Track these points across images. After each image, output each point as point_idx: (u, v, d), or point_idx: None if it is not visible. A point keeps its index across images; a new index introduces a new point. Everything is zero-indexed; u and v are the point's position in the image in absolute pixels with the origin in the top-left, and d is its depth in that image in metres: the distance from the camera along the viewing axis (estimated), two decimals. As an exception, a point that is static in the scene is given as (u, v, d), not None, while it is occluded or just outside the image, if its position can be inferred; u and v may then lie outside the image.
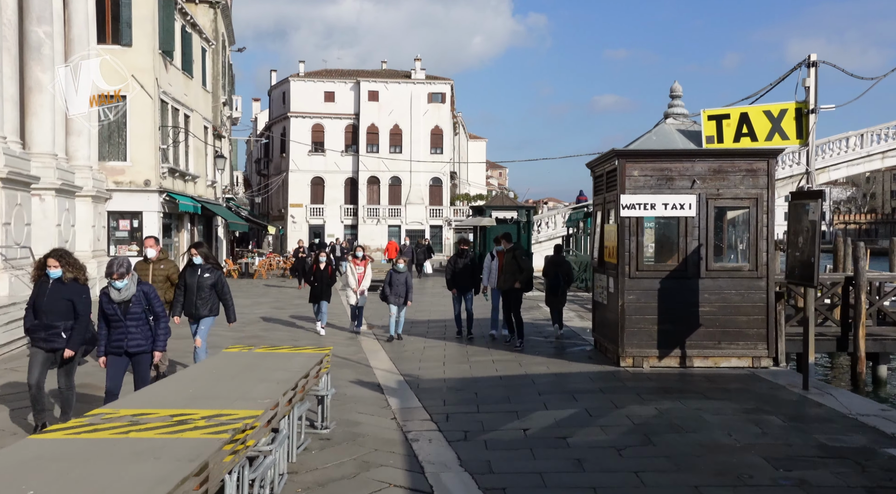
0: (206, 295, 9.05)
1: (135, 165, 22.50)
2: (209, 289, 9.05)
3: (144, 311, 6.59)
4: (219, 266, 9.37)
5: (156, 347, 6.75)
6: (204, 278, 9.01)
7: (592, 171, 11.81)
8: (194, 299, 9.03)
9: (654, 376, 9.43)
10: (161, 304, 6.74)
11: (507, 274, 11.96)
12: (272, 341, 12.89)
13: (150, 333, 6.65)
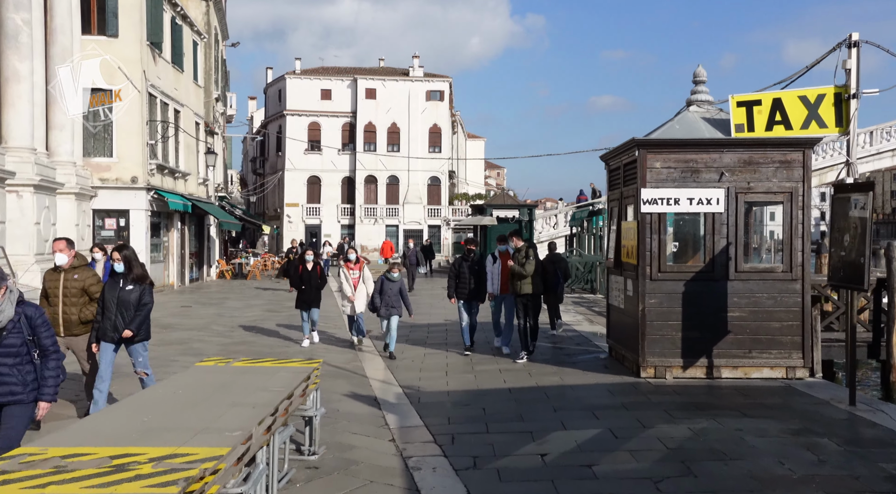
0: (130, 314, 6.99)
1: (121, 162, 21.56)
2: (134, 307, 7.00)
3: (26, 343, 4.62)
4: (145, 276, 7.20)
5: (40, 396, 4.68)
6: (127, 291, 6.92)
7: (607, 164, 10.91)
8: (114, 318, 6.95)
9: (679, 388, 8.54)
10: (51, 334, 4.74)
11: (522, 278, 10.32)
12: (260, 347, 11.98)
13: (34, 375, 4.66)
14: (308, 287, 12.02)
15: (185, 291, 23.97)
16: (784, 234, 8.98)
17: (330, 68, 62.00)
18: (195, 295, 22.42)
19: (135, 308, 7.05)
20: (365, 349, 11.84)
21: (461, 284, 11.16)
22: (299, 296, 12.15)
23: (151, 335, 7.79)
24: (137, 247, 21.67)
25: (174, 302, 20.01)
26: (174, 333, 13.61)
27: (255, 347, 12.06)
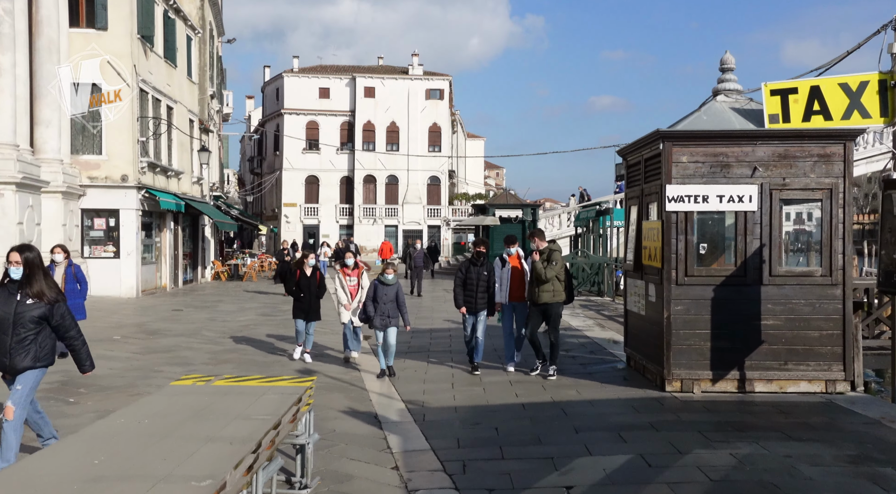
0: (26, 333, 5.36)
1: (111, 159, 20.76)
2: (34, 325, 5.39)
3: None
4: (42, 293, 5.43)
5: None
6: (26, 307, 5.36)
7: (625, 159, 10.14)
8: (8, 341, 5.33)
9: (710, 404, 7.77)
10: None
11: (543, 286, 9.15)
12: (252, 355, 11.19)
13: None
14: (307, 295, 10.71)
15: (178, 293, 23.18)
16: (823, 235, 8.22)
17: (328, 66, 61.22)
18: (188, 297, 21.64)
19: (37, 326, 5.42)
20: (359, 365, 10.39)
21: (469, 293, 9.62)
22: (296, 305, 10.88)
23: (133, 343, 6.96)
24: (128, 248, 20.95)
25: (165, 305, 19.23)
26: (162, 340, 12.82)
27: (246, 355, 11.28)
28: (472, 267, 9.68)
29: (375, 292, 9.46)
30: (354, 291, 10.61)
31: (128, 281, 20.87)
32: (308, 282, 10.79)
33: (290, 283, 10.93)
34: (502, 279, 9.76)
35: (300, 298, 10.74)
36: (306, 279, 10.82)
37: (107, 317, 15.99)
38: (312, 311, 10.71)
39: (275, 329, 14.44)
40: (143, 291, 21.63)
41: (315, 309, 10.76)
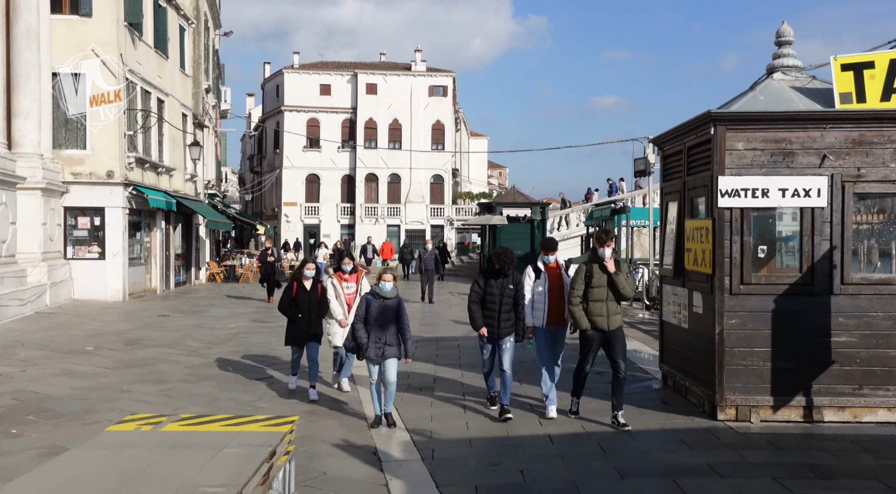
0: None
1: (96, 154, 19.51)
2: None
3: None
4: None
5: None
6: None
7: (661, 148, 8.87)
8: None
9: (774, 438, 6.50)
10: None
11: (612, 306, 7.03)
12: (235, 373, 9.92)
13: None
14: (306, 315, 8.37)
15: (168, 296, 21.95)
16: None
17: (329, 63, 59.96)
18: (178, 301, 20.40)
19: None
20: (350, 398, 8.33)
21: (489, 313, 7.31)
22: (291, 328, 8.49)
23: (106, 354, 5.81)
24: (114, 249, 19.70)
25: (152, 309, 17.99)
26: (140, 351, 11.58)
27: (229, 370, 10.02)
28: (491, 280, 7.34)
29: (368, 310, 7.06)
30: (352, 301, 8.62)
31: (114, 283, 19.62)
32: (307, 299, 8.41)
33: (286, 299, 8.48)
34: (537, 295, 7.41)
35: (298, 319, 8.40)
36: (305, 294, 8.43)
37: (85, 324, 14.75)
38: (313, 333, 8.44)
39: (266, 337, 13.19)
40: (131, 294, 20.39)
41: (316, 331, 8.47)
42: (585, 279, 6.99)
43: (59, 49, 19.07)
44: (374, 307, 7.04)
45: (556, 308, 7.39)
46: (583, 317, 7.04)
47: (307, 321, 8.38)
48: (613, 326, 7.05)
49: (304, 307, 8.40)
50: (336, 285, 8.73)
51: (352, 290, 8.71)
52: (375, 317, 7.01)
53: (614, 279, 6.95)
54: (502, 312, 7.30)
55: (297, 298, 8.43)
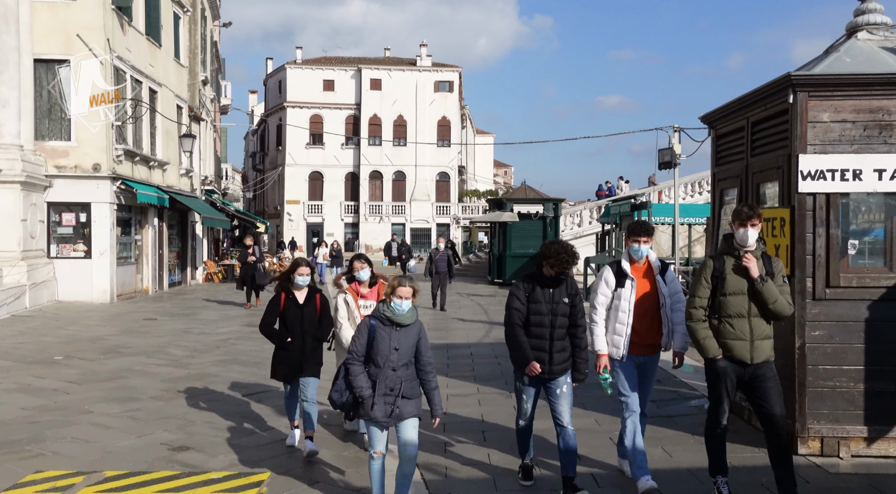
0: None
1: (82, 146, 18.28)
2: None
3: None
4: None
5: None
6: None
7: (713, 127, 7.56)
8: None
9: (872, 479, 5.22)
10: None
11: (762, 327, 4.74)
12: (219, 387, 8.65)
13: None
14: (298, 338, 6.09)
15: (161, 297, 20.72)
16: None
17: (333, 58, 58.75)
18: (170, 302, 19.16)
19: None
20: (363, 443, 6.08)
21: (537, 340, 5.02)
22: (279, 358, 6.21)
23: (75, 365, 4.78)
24: (101, 247, 18.48)
25: (140, 311, 16.74)
26: (114, 360, 10.32)
27: (212, 383, 8.74)
28: (538, 291, 5.01)
29: (372, 343, 4.60)
30: None
31: (100, 284, 18.39)
32: (300, 315, 6.11)
33: (270, 317, 6.17)
34: (618, 308, 5.13)
35: (288, 343, 6.11)
36: (297, 309, 6.12)
37: (61, 329, 13.51)
38: (308, 363, 6.10)
39: (258, 344, 11.90)
40: (120, 296, 19.15)
41: (313, 361, 6.14)
42: (712, 281, 4.76)
43: (42, 33, 17.86)
44: (382, 339, 4.55)
45: (646, 328, 5.12)
46: (709, 340, 4.70)
47: (300, 347, 6.08)
48: (760, 357, 4.68)
49: (295, 327, 6.09)
50: (350, 302, 6.22)
51: (371, 311, 5.91)
52: (384, 355, 4.53)
53: (759, 288, 4.60)
54: (555, 339, 4.97)
55: (287, 314, 6.10)
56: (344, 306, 6.24)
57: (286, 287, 6.22)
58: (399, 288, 4.59)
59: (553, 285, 5.03)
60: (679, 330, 5.15)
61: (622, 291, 5.15)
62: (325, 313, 6.30)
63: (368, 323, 4.68)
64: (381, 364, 4.56)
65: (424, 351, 4.66)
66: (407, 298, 4.59)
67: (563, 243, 5.08)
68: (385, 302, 4.68)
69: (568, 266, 4.93)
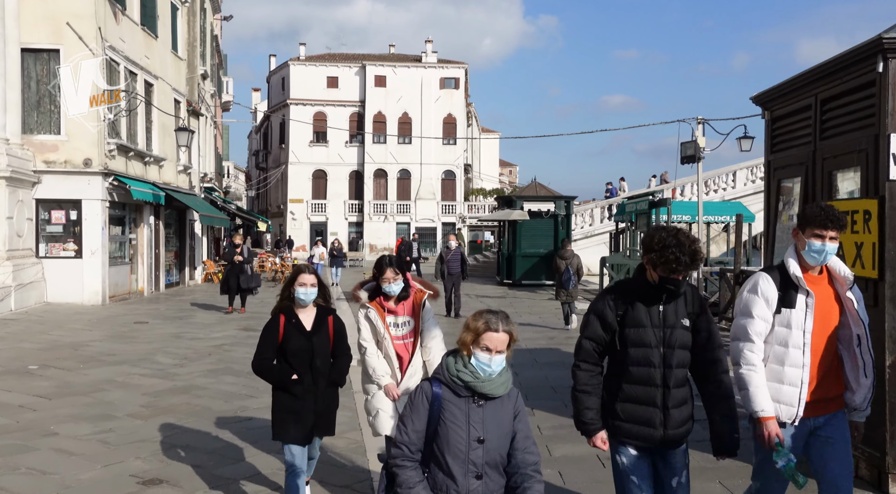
0: None
1: (72, 140, 17.39)
2: None
3: None
4: None
5: None
6: None
7: (768, 109, 6.60)
8: None
9: None
10: None
11: None
12: (207, 403, 7.72)
13: None
14: (307, 380, 4.34)
15: (157, 299, 19.83)
16: None
17: (337, 55, 57.85)
18: (165, 304, 18.26)
19: None
20: None
21: (638, 391, 3.25)
22: (285, 406, 4.37)
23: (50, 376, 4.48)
24: (92, 246, 17.60)
25: (132, 314, 15.84)
26: (95, 369, 9.41)
27: (201, 399, 7.82)
28: (639, 307, 3.25)
29: (440, 427, 2.75)
30: (407, 351, 4.70)
31: (91, 285, 17.49)
32: (306, 349, 4.33)
33: (266, 349, 4.36)
34: (787, 341, 3.36)
35: (291, 386, 4.33)
36: (302, 340, 4.33)
37: (44, 333, 12.61)
38: (322, 420, 4.42)
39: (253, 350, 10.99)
40: (112, 297, 18.26)
41: (327, 417, 4.47)
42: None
43: (29, 21, 16.98)
44: (455, 421, 2.74)
45: (823, 373, 3.42)
46: None
47: (311, 393, 4.32)
48: None
49: (301, 364, 4.29)
50: (375, 320, 4.64)
51: (403, 331, 4.69)
52: (459, 450, 2.72)
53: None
54: (671, 385, 3.22)
55: (289, 346, 4.30)
56: (367, 325, 4.64)
57: (286, 307, 4.39)
58: (487, 335, 2.71)
59: (665, 299, 3.23)
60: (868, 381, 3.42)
61: (792, 314, 3.34)
62: (340, 344, 4.45)
63: (428, 393, 2.76)
64: (455, 466, 2.69)
65: (523, 440, 2.80)
66: (500, 351, 2.75)
67: (678, 230, 3.24)
68: (458, 356, 2.79)
69: (687, 268, 3.15)
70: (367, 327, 4.68)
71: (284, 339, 4.34)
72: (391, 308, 4.69)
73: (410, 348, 4.71)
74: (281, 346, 4.36)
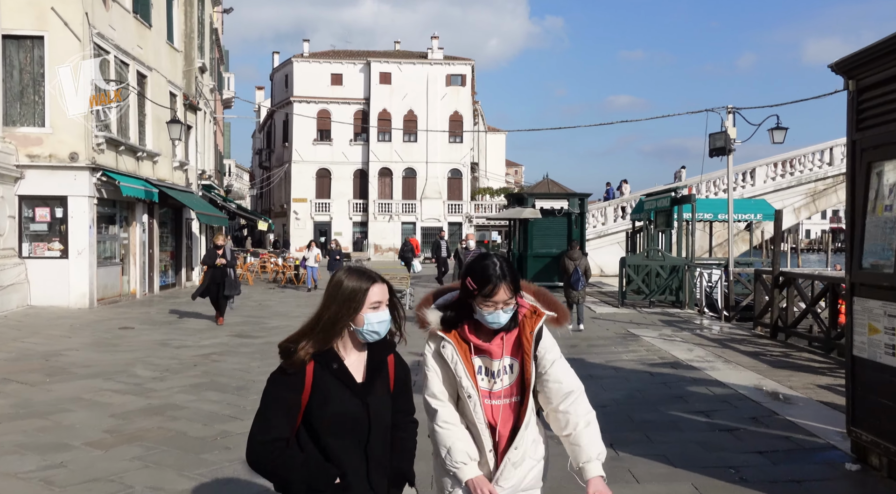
0: None
1: (57, 133, 16.34)
2: None
3: None
4: None
5: None
6: None
7: (852, 77, 5.46)
8: None
9: None
10: None
11: None
12: (189, 426, 6.61)
13: None
14: (360, 466, 2.36)
15: (150, 301, 18.78)
16: None
17: (341, 51, 56.80)
18: (156, 307, 17.18)
19: None
20: None
21: None
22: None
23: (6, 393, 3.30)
24: (80, 246, 16.54)
25: (119, 318, 14.77)
26: (62, 384, 8.32)
27: (177, 422, 6.71)
28: None
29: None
30: (509, 418, 2.65)
31: (78, 287, 16.44)
32: (360, 417, 2.37)
33: (278, 425, 2.30)
34: None
35: (333, 488, 2.30)
36: (353, 402, 2.37)
37: (17, 341, 11.53)
38: None
39: (244, 361, 9.92)
40: (102, 300, 17.20)
41: None
42: None
43: (11, 6, 15.96)
44: None
45: None
46: None
47: None
48: None
49: (352, 446, 2.37)
50: (455, 364, 2.61)
51: (507, 381, 2.66)
52: None
53: None
54: None
55: (327, 415, 2.33)
56: (439, 371, 2.65)
57: (325, 349, 2.38)
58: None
59: None
60: None
61: None
62: (405, 403, 2.55)
63: None
64: None
65: None
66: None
67: None
68: None
69: None
70: (439, 374, 2.64)
71: (317, 401, 2.32)
72: (482, 344, 2.62)
73: (514, 411, 2.66)
74: (308, 415, 2.34)
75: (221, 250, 14.00)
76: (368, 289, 2.39)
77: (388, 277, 2.66)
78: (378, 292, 2.41)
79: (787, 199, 27.79)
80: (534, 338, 2.62)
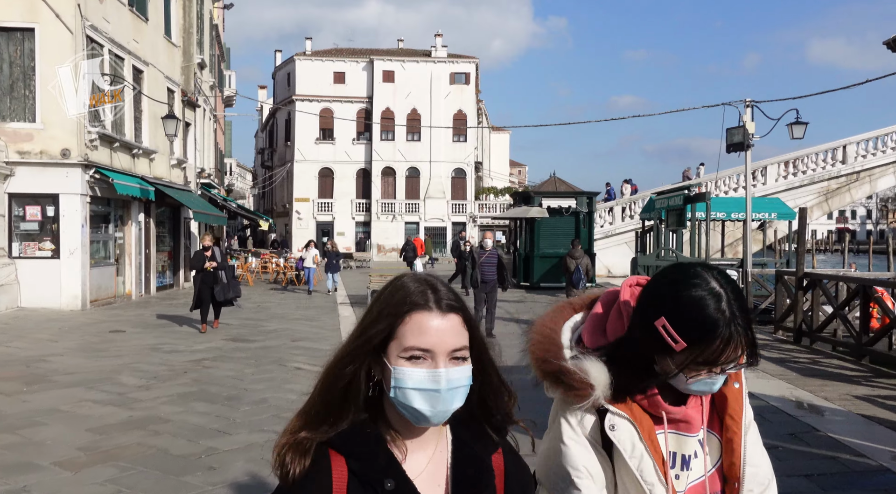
0: None
1: (48, 128, 15.78)
2: None
3: None
4: None
5: None
6: None
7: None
8: None
9: None
10: None
11: None
12: (173, 443, 6.01)
13: None
14: None
15: (146, 303, 18.21)
16: None
17: (343, 49, 56.21)
18: (151, 309, 16.61)
19: None
20: None
21: None
22: None
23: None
24: (72, 245, 15.98)
25: (110, 321, 14.20)
26: (39, 394, 7.74)
27: (160, 437, 6.13)
28: None
29: None
30: None
31: (70, 288, 15.87)
32: None
33: None
34: None
35: None
36: None
37: (1, 345, 10.97)
38: None
39: (238, 367, 9.31)
40: (95, 301, 16.64)
41: None
42: None
43: (1, -2, 15.40)
44: None
45: None
46: None
47: None
48: None
49: None
50: (639, 455, 1.48)
51: (700, 473, 1.54)
52: None
53: None
54: None
55: None
56: (593, 473, 1.51)
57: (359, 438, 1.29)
58: None
59: None
60: None
61: None
62: None
63: None
64: None
65: None
66: None
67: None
68: None
69: None
70: (596, 478, 1.52)
71: None
72: (676, 412, 1.53)
73: None
74: None
75: (210, 252, 12.82)
76: (409, 313, 1.26)
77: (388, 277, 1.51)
78: (436, 328, 1.25)
79: (798, 198, 27.12)
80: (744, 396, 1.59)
